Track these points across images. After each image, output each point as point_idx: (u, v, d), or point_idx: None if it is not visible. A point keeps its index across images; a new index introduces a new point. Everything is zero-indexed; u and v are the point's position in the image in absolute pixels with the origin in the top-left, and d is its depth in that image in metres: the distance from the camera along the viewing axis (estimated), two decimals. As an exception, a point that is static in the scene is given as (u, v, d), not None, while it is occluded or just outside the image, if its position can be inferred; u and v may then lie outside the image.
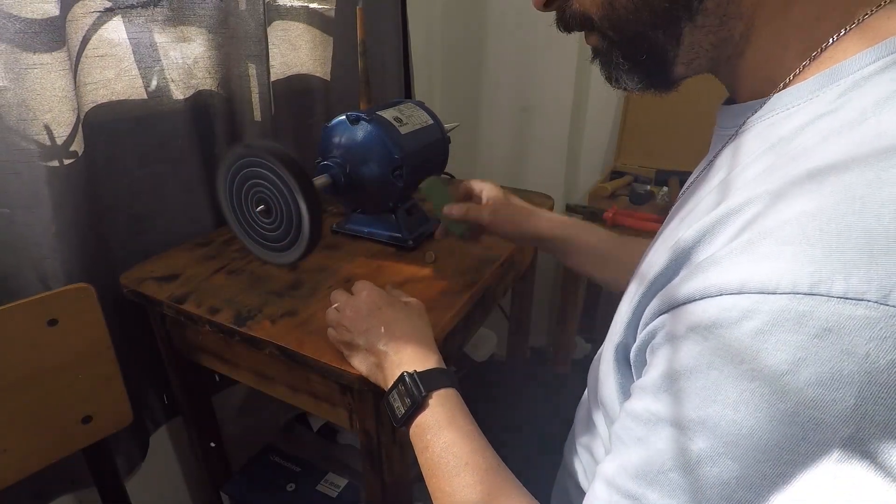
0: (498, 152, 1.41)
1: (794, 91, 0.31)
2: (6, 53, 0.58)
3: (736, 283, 0.24)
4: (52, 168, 0.63)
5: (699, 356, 0.26)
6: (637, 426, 0.30)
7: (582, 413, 0.52)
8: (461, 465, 0.42)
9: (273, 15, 0.91)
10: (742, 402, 0.24)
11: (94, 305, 0.63)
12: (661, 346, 0.29)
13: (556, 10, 0.39)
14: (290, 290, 0.69)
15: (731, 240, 0.26)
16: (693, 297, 0.26)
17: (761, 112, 0.33)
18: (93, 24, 0.68)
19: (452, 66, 1.42)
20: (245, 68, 0.83)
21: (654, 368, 0.29)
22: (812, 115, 0.29)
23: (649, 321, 0.30)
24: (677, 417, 0.27)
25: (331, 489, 0.90)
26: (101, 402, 0.66)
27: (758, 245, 0.24)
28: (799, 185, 0.25)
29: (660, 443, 0.28)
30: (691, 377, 0.26)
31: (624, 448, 0.31)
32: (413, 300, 0.59)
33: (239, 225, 0.71)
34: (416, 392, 0.47)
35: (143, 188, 0.78)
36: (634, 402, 0.31)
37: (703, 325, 0.25)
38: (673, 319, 0.28)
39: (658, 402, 0.28)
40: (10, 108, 0.60)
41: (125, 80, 0.73)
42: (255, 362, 0.68)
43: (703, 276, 0.26)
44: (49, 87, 0.60)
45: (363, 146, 0.72)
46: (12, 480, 0.60)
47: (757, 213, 0.26)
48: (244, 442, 1.03)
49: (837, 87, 0.29)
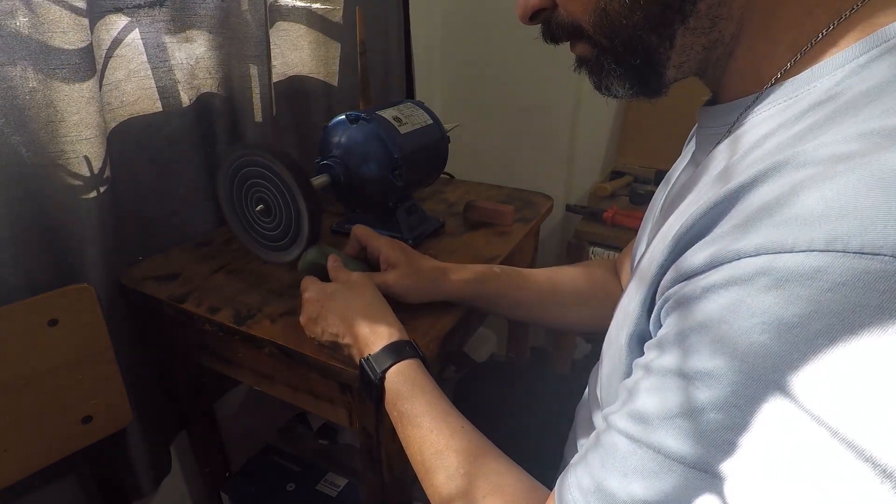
0: (498, 152, 1.42)
1: (790, 84, 0.32)
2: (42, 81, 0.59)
3: (753, 247, 0.25)
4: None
5: (712, 312, 0.26)
6: (647, 378, 0.30)
7: (583, 414, 0.52)
8: (431, 438, 0.44)
9: (275, 16, 0.91)
10: (751, 353, 0.24)
11: (94, 305, 0.64)
12: (676, 309, 0.29)
13: (542, 22, 0.39)
14: (290, 290, 0.69)
15: (746, 210, 0.26)
16: (711, 265, 0.27)
17: (756, 107, 0.34)
18: (112, 33, 0.69)
19: (452, 66, 1.42)
20: (246, 69, 0.83)
21: (668, 327, 0.30)
22: (812, 102, 0.29)
23: (664, 291, 0.31)
24: (686, 369, 0.27)
25: (331, 489, 0.90)
26: (101, 402, 0.66)
27: (775, 212, 0.25)
28: (810, 159, 0.25)
29: (668, 392, 0.28)
30: (702, 331, 0.27)
31: (631, 398, 0.31)
32: (354, 275, 0.58)
33: (239, 224, 0.71)
34: (373, 376, 0.49)
35: (146, 188, 0.78)
36: (647, 357, 0.31)
37: (718, 284, 0.26)
38: (689, 285, 0.28)
39: (669, 356, 0.29)
40: (39, 110, 0.60)
41: (134, 81, 0.73)
42: (255, 362, 0.68)
43: (719, 245, 0.26)
44: (79, 93, 0.61)
45: (363, 146, 0.72)
46: (12, 480, 0.60)
47: (769, 185, 0.26)
48: (244, 442, 1.03)
49: (833, 77, 0.29)
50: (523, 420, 0.72)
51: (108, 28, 0.68)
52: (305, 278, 0.59)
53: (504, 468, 0.41)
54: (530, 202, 0.96)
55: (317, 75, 1.01)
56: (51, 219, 0.64)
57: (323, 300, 0.55)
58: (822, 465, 0.23)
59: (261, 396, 0.73)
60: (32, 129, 0.60)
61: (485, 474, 0.41)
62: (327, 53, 1.01)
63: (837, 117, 0.27)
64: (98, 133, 0.64)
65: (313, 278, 0.59)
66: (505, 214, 0.86)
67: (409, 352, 0.50)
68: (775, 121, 0.31)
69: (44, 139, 0.61)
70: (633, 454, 0.29)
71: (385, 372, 0.49)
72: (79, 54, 0.59)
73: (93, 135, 0.63)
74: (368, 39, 0.76)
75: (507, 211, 0.86)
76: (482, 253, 0.78)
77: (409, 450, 0.46)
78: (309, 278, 0.59)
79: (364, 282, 0.57)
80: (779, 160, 0.26)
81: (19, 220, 0.61)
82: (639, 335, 0.36)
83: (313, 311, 0.55)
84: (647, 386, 0.30)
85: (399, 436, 0.48)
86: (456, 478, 0.41)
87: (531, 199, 0.98)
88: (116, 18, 0.69)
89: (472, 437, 0.44)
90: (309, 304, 0.56)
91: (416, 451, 0.45)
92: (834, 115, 0.27)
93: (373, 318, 0.53)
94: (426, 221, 0.84)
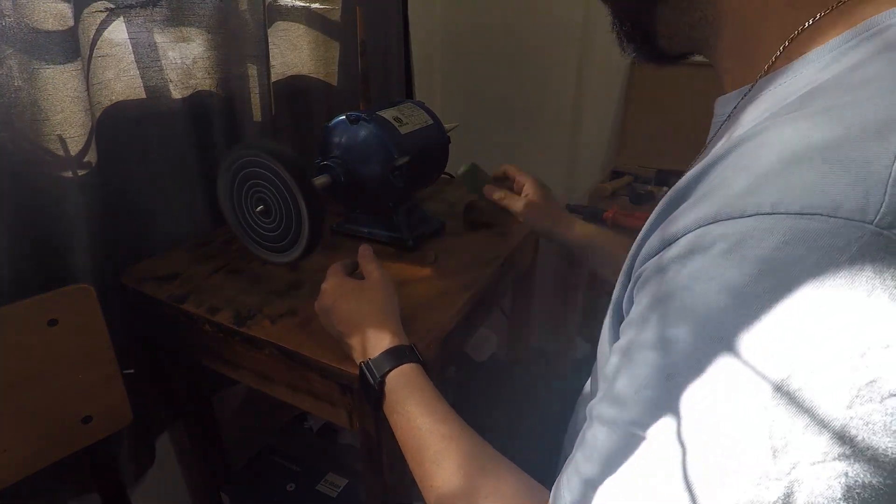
0: (498, 152, 1.41)
1: (780, 74, 0.33)
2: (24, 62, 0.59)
3: (711, 215, 0.26)
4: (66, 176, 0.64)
5: (677, 281, 0.27)
6: (619, 358, 0.31)
7: (583, 403, 0.52)
8: (430, 440, 0.44)
9: (274, 15, 0.91)
10: (711, 315, 0.25)
11: (94, 305, 0.63)
12: (646, 284, 0.30)
13: None
14: (290, 290, 0.69)
15: (711, 181, 0.28)
16: (676, 236, 0.28)
17: (750, 95, 0.35)
18: (98, 26, 0.68)
19: (452, 66, 1.42)
20: (245, 69, 0.83)
21: (638, 304, 0.30)
22: (797, 89, 0.30)
23: (641, 265, 0.32)
24: (654, 339, 0.28)
25: (331, 489, 0.90)
26: (101, 402, 0.66)
27: (730, 181, 0.26)
28: (768, 129, 0.27)
29: (638, 366, 0.28)
30: (668, 301, 0.27)
31: (606, 384, 0.31)
32: (375, 273, 0.59)
33: (239, 225, 0.71)
34: (372, 380, 0.50)
35: (144, 188, 0.78)
36: (621, 340, 0.32)
37: (682, 254, 0.27)
38: (657, 259, 0.29)
39: (640, 331, 0.29)
40: (24, 108, 0.60)
41: (124, 80, 0.73)
42: (255, 362, 0.68)
43: (685, 217, 0.28)
44: (63, 91, 0.61)
45: (363, 146, 0.72)
46: (12, 480, 0.60)
47: (728, 159, 0.28)
48: (244, 442, 1.03)
49: (818, 65, 0.30)
50: (523, 420, 0.72)
51: (97, 25, 0.68)
52: (332, 266, 0.61)
53: (503, 470, 0.41)
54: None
55: (316, 75, 1.01)
56: (40, 215, 0.64)
57: (336, 296, 0.56)
58: (767, 422, 0.23)
59: (261, 396, 0.72)
60: (18, 128, 0.60)
61: (484, 476, 0.41)
62: (326, 53, 1.01)
63: (807, 100, 0.28)
64: (84, 132, 0.64)
65: (338, 267, 0.61)
66: (505, 215, 0.86)
67: (410, 356, 0.51)
68: (763, 107, 0.32)
69: (30, 136, 0.61)
70: (611, 440, 0.29)
71: (385, 376, 0.49)
72: (61, 47, 0.59)
73: (77, 133, 0.63)
74: (368, 39, 0.76)
75: (508, 211, 0.86)
76: (483, 253, 0.78)
77: (408, 453, 0.46)
78: (335, 266, 0.61)
79: (379, 284, 0.58)
80: (740, 136, 0.28)
81: (8, 217, 0.62)
82: (616, 303, 0.37)
83: (326, 303, 0.57)
84: (621, 366, 0.30)
85: (397, 439, 0.48)
86: (455, 480, 0.41)
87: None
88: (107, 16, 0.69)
89: (471, 440, 0.44)
90: (324, 294, 0.58)
91: (414, 454, 0.45)
92: (805, 98, 0.28)
93: (377, 323, 0.53)
94: (426, 222, 0.84)
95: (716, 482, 0.24)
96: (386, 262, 0.76)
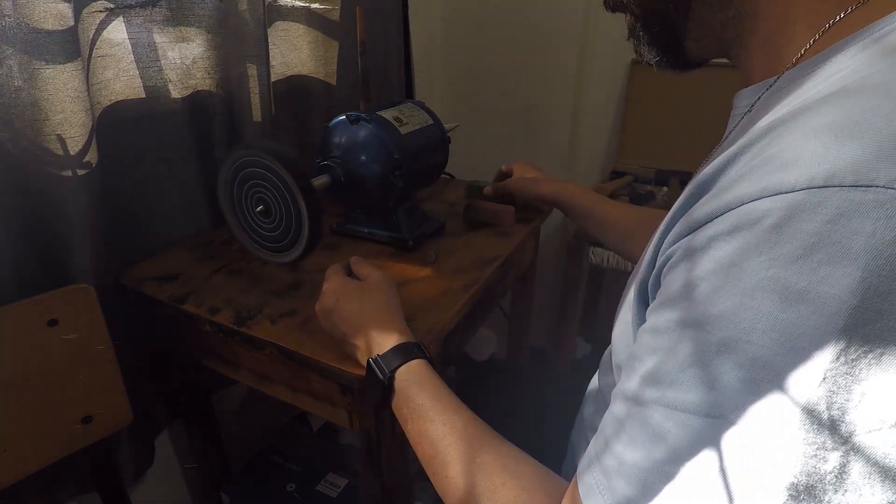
0: (498, 152, 1.41)
1: (807, 66, 0.33)
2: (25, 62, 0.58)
3: (757, 191, 0.26)
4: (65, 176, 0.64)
5: (721, 258, 0.26)
6: (654, 338, 0.30)
7: (592, 397, 0.52)
8: (443, 431, 0.44)
9: (274, 15, 0.91)
10: (759, 289, 0.25)
11: (94, 305, 0.63)
12: (679, 263, 0.29)
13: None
14: (290, 290, 0.69)
15: (750, 161, 0.27)
16: (714, 215, 0.27)
17: (775, 87, 0.35)
18: (98, 26, 0.68)
19: (452, 66, 1.42)
20: (245, 68, 0.83)
21: (672, 284, 0.30)
22: (823, 79, 0.30)
23: (668, 247, 0.31)
24: (695, 317, 0.27)
25: (331, 489, 0.90)
26: (101, 402, 0.66)
27: (775, 158, 0.26)
28: (810, 109, 0.27)
29: (678, 345, 0.28)
30: (712, 277, 0.27)
31: (640, 364, 0.31)
32: (374, 274, 0.59)
33: (239, 225, 0.71)
34: (381, 377, 0.49)
35: (143, 188, 0.78)
36: (651, 320, 0.31)
37: (724, 232, 0.26)
38: (692, 238, 0.29)
39: (676, 309, 0.28)
40: (24, 108, 0.60)
41: (124, 80, 0.73)
42: (255, 362, 0.68)
43: (723, 195, 0.27)
44: (63, 91, 0.61)
45: (363, 146, 0.72)
46: (12, 480, 0.60)
47: (773, 137, 0.27)
48: (244, 442, 1.03)
49: (845, 57, 0.30)
50: (523, 420, 0.72)
51: (97, 25, 0.68)
52: (331, 267, 0.60)
53: (520, 457, 0.41)
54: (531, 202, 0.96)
55: (316, 75, 1.01)
56: (40, 215, 0.64)
57: (339, 296, 0.56)
58: (825, 391, 0.23)
59: (261, 396, 0.72)
60: (18, 128, 0.60)
61: (500, 463, 0.41)
62: (326, 53, 1.01)
63: (848, 80, 0.28)
64: (83, 132, 0.64)
65: (338, 268, 0.60)
66: (505, 215, 0.86)
67: (417, 353, 0.51)
68: (791, 97, 0.32)
69: (30, 136, 0.61)
70: (649, 419, 0.29)
71: (394, 371, 0.49)
72: (61, 47, 0.59)
73: (77, 133, 0.63)
74: (368, 39, 0.76)
75: (508, 211, 0.86)
76: (483, 253, 0.78)
77: (421, 445, 0.46)
78: (334, 267, 0.60)
79: (380, 284, 0.58)
80: (780, 117, 0.28)
81: (8, 217, 0.62)
82: (641, 283, 0.36)
83: (328, 303, 0.56)
84: (655, 346, 0.30)
85: (408, 433, 0.48)
86: (472, 468, 0.41)
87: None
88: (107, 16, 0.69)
89: (484, 429, 0.44)
90: (326, 295, 0.57)
91: (427, 446, 0.45)
92: (847, 78, 0.28)
93: (383, 321, 0.54)
94: (426, 222, 0.84)
95: (772, 455, 0.24)
96: (386, 262, 0.76)
